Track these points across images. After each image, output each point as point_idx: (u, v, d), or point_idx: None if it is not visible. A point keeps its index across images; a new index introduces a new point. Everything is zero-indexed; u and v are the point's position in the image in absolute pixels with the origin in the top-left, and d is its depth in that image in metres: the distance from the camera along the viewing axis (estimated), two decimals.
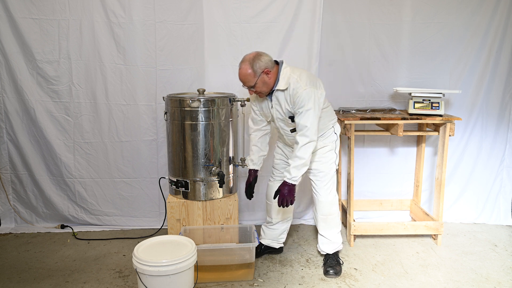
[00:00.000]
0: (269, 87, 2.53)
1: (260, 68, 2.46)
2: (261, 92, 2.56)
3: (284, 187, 2.54)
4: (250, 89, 2.53)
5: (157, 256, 2.29)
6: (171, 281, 2.24)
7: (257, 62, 2.45)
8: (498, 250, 3.14)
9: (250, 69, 2.45)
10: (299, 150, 2.48)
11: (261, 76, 2.47)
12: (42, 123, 3.32)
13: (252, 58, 2.46)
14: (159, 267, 2.21)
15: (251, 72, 2.45)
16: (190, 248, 2.38)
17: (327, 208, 2.77)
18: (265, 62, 2.47)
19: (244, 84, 2.54)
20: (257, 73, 2.46)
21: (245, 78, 2.48)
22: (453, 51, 3.40)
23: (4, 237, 3.36)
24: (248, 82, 2.48)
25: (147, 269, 2.22)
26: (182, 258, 2.27)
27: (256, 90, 2.53)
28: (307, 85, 2.46)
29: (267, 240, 3.03)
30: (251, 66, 2.45)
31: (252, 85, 2.49)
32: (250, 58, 2.47)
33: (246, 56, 2.50)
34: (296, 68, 2.60)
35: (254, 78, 2.47)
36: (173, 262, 2.23)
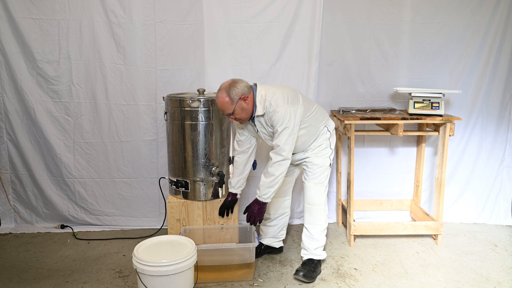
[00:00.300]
0: (248, 113, 2.52)
1: (237, 95, 2.44)
2: (241, 119, 2.55)
3: (254, 205, 2.58)
4: (230, 116, 2.52)
5: (157, 256, 2.29)
6: (171, 281, 2.24)
7: (233, 89, 2.44)
8: (498, 250, 3.14)
9: (227, 97, 2.44)
10: (272, 166, 2.50)
11: (239, 102, 2.46)
12: (42, 123, 3.32)
13: (228, 86, 2.45)
14: (159, 267, 2.21)
15: (228, 100, 2.44)
16: (190, 248, 2.38)
17: (312, 196, 2.70)
18: (241, 89, 2.46)
19: (223, 112, 2.54)
20: (235, 100, 2.45)
21: (223, 106, 2.47)
22: (453, 51, 3.41)
23: (4, 237, 3.36)
24: (226, 110, 2.48)
25: (147, 269, 2.22)
26: (182, 258, 2.27)
27: (235, 117, 2.52)
28: (280, 106, 2.45)
29: (267, 239, 3.02)
30: (228, 93, 2.44)
31: (231, 113, 2.48)
32: (226, 86, 2.46)
33: (222, 85, 2.49)
34: (271, 87, 2.58)
35: (232, 106, 2.46)
36: (173, 262, 2.23)
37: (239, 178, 2.82)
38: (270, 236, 3.02)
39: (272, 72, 3.36)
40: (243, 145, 2.78)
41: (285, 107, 2.45)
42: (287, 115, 2.44)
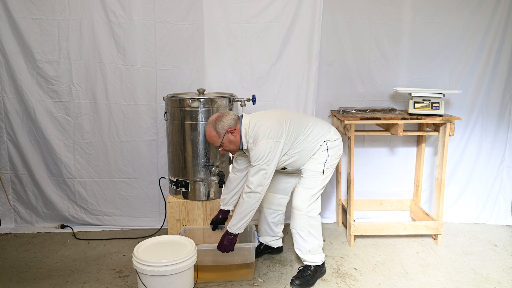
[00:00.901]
0: (236, 144, 2.52)
1: (223, 128, 2.46)
2: (231, 151, 2.58)
3: (225, 237, 2.53)
4: (219, 148, 2.54)
5: (157, 256, 2.29)
6: (171, 281, 2.24)
7: (219, 123, 2.46)
8: (498, 250, 3.14)
9: (213, 131, 2.46)
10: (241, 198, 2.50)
11: (226, 136, 2.47)
12: (42, 123, 3.32)
13: (215, 120, 2.47)
14: (159, 267, 2.21)
15: (215, 134, 2.46)
16: (190, 248, 2.38)
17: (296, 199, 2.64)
18: (228, 122, 2.46)
19: (211, 144, 2.58)
20: (221, 133, 2.46)
21: (210, 139, 2.50)
22: (453, 51, 3.40)
23: (4, 237, 3.36)
24: (214, 143, 2.50)
25: (147, 269, 2.22)
26: (182, 258, 2.27)
27: (224, 149, 2.54)
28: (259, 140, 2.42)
29: (265, 237, 3.00)
30: (214, 127, 2.46)
31: (219, 145, 2.50)
32: (213, 120, 2.48)
33: (210, 118, 2.52)
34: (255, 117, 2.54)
35: (219, 139, 2.47)
36: (173, 262, 2.23)
37: (232, 194, 2.76)
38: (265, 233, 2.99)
39: (272, 72, 3.36)
40: (242, 164, 2.73)
41: (264, 142, 2.41)
42: (262, 151, 2.40)
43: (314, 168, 2.61)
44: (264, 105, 3.33)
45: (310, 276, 2.65)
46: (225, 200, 2.79)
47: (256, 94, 3.07)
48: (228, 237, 2.52)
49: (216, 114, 2.54)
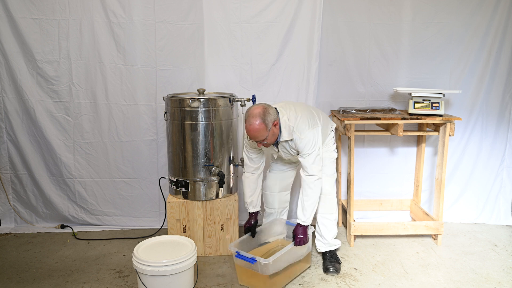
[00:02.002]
0: (276, 137, 2.54)
1: (271, 121, 2.44)
2: (269, 144, 2.55)
3: (298, 230, 2.63)
4: (259, 142, 2.49)
5: (157, 256, 2.29)
6: (171, 281, 2.25)
7: (267, 116, 2.42)
8: (498, 250, 3.14)
9: (263, 123, 2.40)
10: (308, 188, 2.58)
11: (271, 129, 2.46)
12: (42, 123, 3.32)
13: (263, 113, 2.41)
14: (159, 267, 2.21)
15: (264, 127, 2.41)
16: (190, 248, 2.38)
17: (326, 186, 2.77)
18: (273, 115, 2.46)
19: (254, 139, 2.47)
20: (269, 127, 2.43)
21: (258, 133, 2.42)
22: (453, 51, 3.40)
23: (4, 237, 3.36)
24: (260, 136, 2.44)
25: (147, 269, 2.22)
26: (182, 258, 2.27)
27: (267, 142, 2.50)
28: (304, 131, 2.52)
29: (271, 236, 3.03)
30: (263, 120, 2.40)
31: (264, 139, 2.46)
32: (260, 113, 2.41)
33: (254, 111, 2.43)
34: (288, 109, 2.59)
35: (266, 132, 2.44)
36: (173, 262, 2.23)
37: (257, 195, 2.84)
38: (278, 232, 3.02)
39: (272, 72, 3.36)
40: (258, 161, 2.78)
41: (308, 132, 2.53)
42: (311, 140, 2.53)
43: (330, 155, 2.82)
44: None
45: (338, 257, 2.89)
46: (253, 203, 2.83)
47: (256, 94, 3.08)
48: (303, 230, 2.61)
49: (258, 107, 2.45)
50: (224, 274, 2.78)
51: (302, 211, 2.61)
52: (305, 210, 2.60)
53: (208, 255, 3.03)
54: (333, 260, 2.84)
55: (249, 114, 2.44)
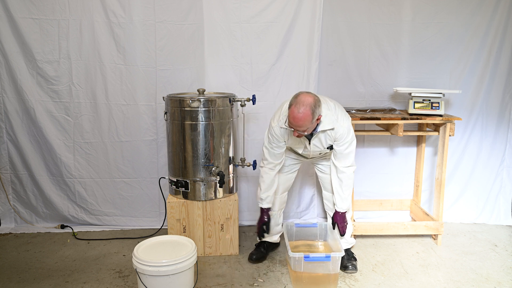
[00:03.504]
0: (313, 129, 2.49)
1: (317, 114, 2.40)
2: (306, 134, 2.47)
3: (337, 216, 2.72)
4: (298, 131, 2.41)
5: (157, 256, 2.29)
6: (171, 281, 2.25)
7: (317, 108, 2.37)
8: (498, 250, 3.14)
9: (311, 115, 2.33)
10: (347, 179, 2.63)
11: (314, 122, 2.42)
12: (42, 123, 3.32)
13: (314, 104, 2.35)
14: (159, 267, 2.21)
15: (311, 118, 2.34)
16: (190, 248, 2.38)
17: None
18: (320, 109, 2.43)
19: (296, 127, 2.38)
20: (314, 119, 2.38)
21: (303, 122, 2.34)
22: (453, 51, 3.40)
23: (4, 237, 3.36)
24: (303, 126, 2.36)
25: (147, 269, 2.22)
26: (182, 258, 2.27)
27: (305, 133, 2.42)
28: (344, 121, 2.55)
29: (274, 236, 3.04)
30: (312, 112, 2.34)
31: (305, 129, 2.39)
32: (311, 103, 2.34)
33: (307, 99, 2.34)
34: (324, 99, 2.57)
35: (310, 124, 2.38)
36: (173, 262, 2.23)
37: (273, 191, 2.80)
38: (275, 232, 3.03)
39: (272, 72, 3.36)
40: (280, 157, 2.72)
41: (347, 122, 2.55)
42: (351, 129, 2.56)
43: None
44: (264, 105, 3.33)
45: (354, 255, 2.92)
46: (268, 198, 2.78)
47: (256, 94, 3.08)
48: (342, 217, 2.70)
49: (309, 95, 2.37)
50: (224, 274, 2.78)
51: (341, 201, 2.67)
52: (345, 199, 2.67)
53: (208, 255, 3.03)
54: (351, 258, 2.87)
55: (300, 101, 2.34)
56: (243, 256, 3.02)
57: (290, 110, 2.36)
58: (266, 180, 2.75)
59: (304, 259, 2.51)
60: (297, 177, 3.52)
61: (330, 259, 2.52)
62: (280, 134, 2.61)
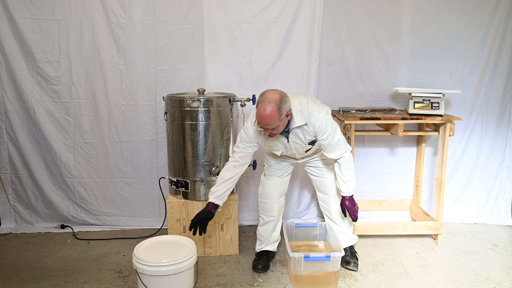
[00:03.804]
0: (284, 127, 2.45)
1: (285, 110, 2.35)
2: (277, 133, 2.43)
3: (345, 201, 2.68)
4: (268, 130, 2.37)
5: (157, 256, 2.29)
6: (171, 281, 2.24)
7: (283, 103, 2.33)
8: (498, 250, 3.14)
9: (277, 111, 2.29)
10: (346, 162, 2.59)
11: (283, 119, 2.36)
12: (42, 123, 3.32)
13: (279, 100, 2.31)
14: (159, 267, 2.21)
15: (277, 114, 2.30)
16: (190, 248, 2.38)
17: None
18: (288, 105, 2.38)
19: (264, 126, 2.35)
20: (282, 115, 2.33)
21: (270, 120, 2.30)
22: (453, 51, 3.40)
23: (4, 237, 3.36)
24: (272, 124, 2.32)
25: (147, 269, 2.22)
26: (182, 258, 2.27)
27: (274, 131, 2.38)
28: (318, 113, 2.49)
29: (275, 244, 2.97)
30: (279, 108, 2.29)
31: (274, 127, 2.35)
32: (277, 99, 2.30)
33: (271, 96, 2.31)
34: (296, 95, 2.56)
35: (279, 121, 2.33)
36: (173, 262, 2.23)
37: (227, 188, 2.57)
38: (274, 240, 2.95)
39: (272, 72, 3.36)
40: (248, 158, 2.63)
41: (321, 112, 2.50)
42: (329, 118, 2.51)
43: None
44: None
45: (356, 253, 2.94)
46: (217, 193, 2.55)
47: (256, 94, 3.05)
48: (351, 200, 2.66)
49: (273, 92, 2.35)
50: (224, 274, 2.78)
51: (345, 185, 2.63)
52: (348, 183, 2.63)
53: (208, 255, 3.03)
54: (354, 255, 2.88)
55: (265, 99, 2.31)
56: (243, 256, 3.03)
57: (257, 109, 2.33)
58: (224, 177, 2.57)
59: (304, 259, 2.51)
60: (297, 177, 3.53)
61: (330, 259, 2.51)
62: (253, 135, 2.56)
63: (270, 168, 2.86)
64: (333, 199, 2.84)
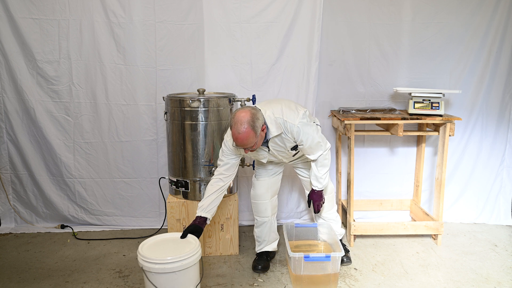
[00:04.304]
0: (263, 139, 2.44)
1: (259, 126, 2.33)
2: (256, 147, 2.42)
3: (313, 194, 2.69)
4: (247, 149, 2.38)
5: (162, 253, 2.28)
6: (177, 277, 2.25)
7: (256, 121, 2.31)
8: (498, 250, 3.14)
9: (252, 131, 2.29)
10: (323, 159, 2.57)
11: (260, 134, 2.36)
12: (42, 123, 3.32)
13: (251, 119, 2.29)
14: (165, 265, 2.21)
15: (253, 134, 2.30)
16: (194, 245, 2.38)
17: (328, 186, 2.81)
18: (261, 118, 2.36)
19: (243, 147, 2.35)
20: (257, 132, 2.32)
21: (247, 141, 2.30)
22: (453, 51, 3.41)
23: (4, 237, 3.36)
24: (249, 144, 2.32)
25: (153, 267, 2.21)
26: (186, 254, 2.26)
27: (254, 148, 2.38)
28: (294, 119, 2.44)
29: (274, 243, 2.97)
30: (253, 128, 2.29)
31: (253, 145, 2.35)
32: (248, 119, 2.28)
33: (242, 117, 2.29)
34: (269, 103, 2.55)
35: (255, 139, 2.33)
36: (178, 259, 2.23)
37: (213, 199, 2.55)
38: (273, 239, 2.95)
39: (272, 72, 3.36)
40: (233, 169, 2.63)
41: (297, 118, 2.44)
42: (304, 122, 2.46)
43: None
44: None
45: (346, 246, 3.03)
46: (204, 205, 2.54)
47: (256, 94, 3.07)
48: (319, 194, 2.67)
49: (243, 112, 2.32)
50: (224, 274, 2.78)
51: (317, 181, 2.63)
52: (320, 179, 2.62)
53: (208, 255, 3.03)
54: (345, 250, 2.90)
55: (237, 121, 2.30)
56: (243, 256, 3.03)
57: (232, 133, 2.32)
58: (209, 191, 2.57)
59: (304, 259, 2.51)
60: (297, 177, 3.52)
61: (330, 259, 2.51)
62: (232, 150, 2.56)
63: (261, 169, 2.85)
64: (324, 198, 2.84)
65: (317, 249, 2.96)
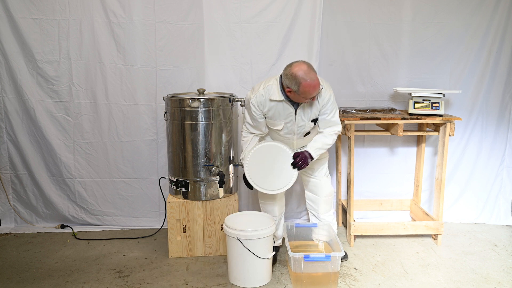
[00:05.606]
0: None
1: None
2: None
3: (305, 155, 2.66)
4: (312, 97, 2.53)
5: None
6: (266, 242, 2.61)
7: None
8: (498, 250, 3.14)
9: (317, 76, 2.49)
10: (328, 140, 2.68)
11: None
12: (42, 123, 3.32)
13: (312, 66, 2.50)
14: (259, 231, 2.56)
15: (319, 79, 2.50)
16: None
17: (329, 187, 2.92)
18: None
19: (313, 95, 2.48)
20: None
21: (319, 87, 2.49)
22: (453, 51, 3.41)
23: (4, 237, 3.36)
24: (318, 89, 2.49)
25: (250, 235, 2.54)
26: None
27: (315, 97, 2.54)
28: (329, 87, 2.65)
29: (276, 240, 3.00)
30: (316, 72, 2.50)
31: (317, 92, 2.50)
32: (310, 66, 2.48)
33: (308, 68, 2.46)
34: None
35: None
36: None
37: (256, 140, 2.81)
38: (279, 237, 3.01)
39: (272, 72, 3.36)
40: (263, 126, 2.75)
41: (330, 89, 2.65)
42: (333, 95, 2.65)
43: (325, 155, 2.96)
44: None
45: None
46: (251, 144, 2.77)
47: None
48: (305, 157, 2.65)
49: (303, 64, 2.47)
50: (224, 274, 2.78)
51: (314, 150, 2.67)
52: (317, 149, 2.67)
53: (208, 255, 3.03)
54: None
55: (305, 71, 2.43)
56: None
57: (305, 84, 2.41)
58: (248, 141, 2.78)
59: (304, 259, 2.51)
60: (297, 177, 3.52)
61: (330, 259, 2.52)
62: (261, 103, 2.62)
63: None
64: (322, 201, 2.90)
65: (317, 249, 2.96)
